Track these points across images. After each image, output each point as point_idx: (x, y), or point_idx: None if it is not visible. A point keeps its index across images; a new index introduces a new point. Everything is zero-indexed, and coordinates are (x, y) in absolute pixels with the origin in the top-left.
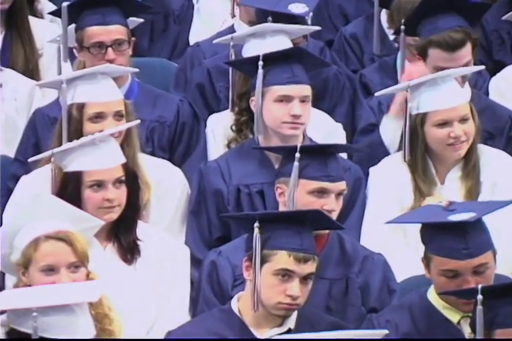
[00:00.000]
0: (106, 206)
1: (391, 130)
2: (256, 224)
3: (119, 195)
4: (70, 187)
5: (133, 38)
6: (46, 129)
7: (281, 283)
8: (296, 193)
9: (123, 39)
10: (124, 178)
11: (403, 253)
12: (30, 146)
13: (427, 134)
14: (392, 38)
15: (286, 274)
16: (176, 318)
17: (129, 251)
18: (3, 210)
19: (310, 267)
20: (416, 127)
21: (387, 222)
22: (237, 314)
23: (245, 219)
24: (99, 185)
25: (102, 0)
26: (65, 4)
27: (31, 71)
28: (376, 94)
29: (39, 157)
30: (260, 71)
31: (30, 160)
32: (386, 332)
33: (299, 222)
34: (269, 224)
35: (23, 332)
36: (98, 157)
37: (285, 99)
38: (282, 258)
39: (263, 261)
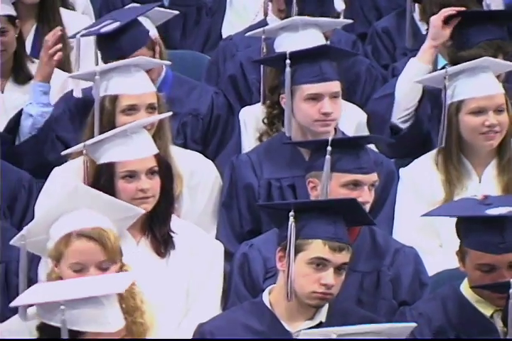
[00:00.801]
0: (140, 197)
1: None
2: (291, 213)
3: (152, 186)
4: (103, 179)
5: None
6: (75, 111)
7: (316, 272)
8: (329, 187)
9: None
10: (156, 169)
11: (434, 249)
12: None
13: (461, 122)
14: (424, 31)
15: (320, 263)
16: (208, 312)
17: (163, 244)
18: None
19: (344, 257)
20: (451, 116)
21: (423, 215)
22: (269, 307)
23: (279, 210)
24: (132, 175)
25: None
26: None
27: (63, 63)
28: (415, 80)
29: (72, 149)
30: (288, 70)
31: (63, 153)
32: (415, 325)
33: (334, 211)
34: (304, 214)
35: (53, 326)
36: (130, 148)
37: (315, 97)
38: (317, 247)
39: (297, 251)
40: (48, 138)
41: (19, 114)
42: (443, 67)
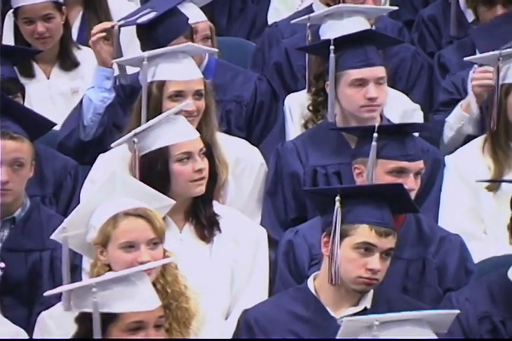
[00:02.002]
0: (196, 178)
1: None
2: (337, 198)
3: (205, 166)
4: (158, 165)
5: None
6: (124, 97)
7: (362, 257)
8: (374, 173)
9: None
10: (205, 150)
11: (480, 236)
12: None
13: (509, 105)
14: (470, 19)
15: (367, 248)
16: (256, 299)
17: (208, 228)
18: None
19: (390, 242)
20: (500, 98)
21: (478, 181)
22: (314, 293)
23: (325, 195)
24: (188, 157)
25: None
26: None
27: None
28: (466, 58)
29: (122, 139)
30: (332, 56)
31: (113, 145)
32: (458, 312)
33: (380, 196)
34: (350, 199)
35: (89, 316)
36: (180, 130)
37: (360, 82)
38: (364, 232)
39: (343, 236)
40: (109, 125)
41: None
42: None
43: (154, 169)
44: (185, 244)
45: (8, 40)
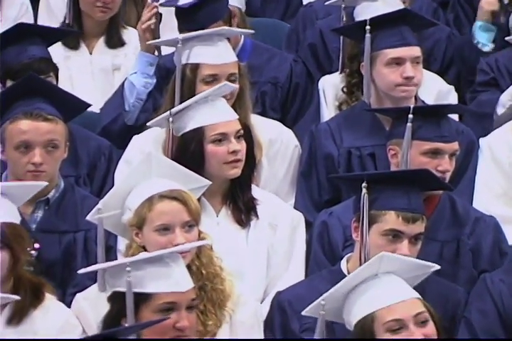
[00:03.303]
0: (231, 160)
1: None
2: (363, 185)
3: (241, 148)
4: (192, 146)
5: None
6: (160, 79)
7: (390, 243)
8: (409, 154)
9: None
10: (242, 133)
11: None
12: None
13: None
14: (506, 0)
15: (395, 235)
16: (293, 282)
17: (245, 213)
18: None
19: (419, 227)
20: None
21: None
22: (347, 275)
23: (353, 180)
24: (222, 139)
25: None
26: None
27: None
28: (507, 38)
29: (158, 119)
30: (368, 36)
31: (149, 124)
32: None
33: (407, 181)
34: (377, 185)
35: (122, 295)
36: (217, 111)
37: (397, 61)
38: (391, 219)
39: (371, 222)
40: (151, 110)
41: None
42: None
43: (189, 150)
44: (222, 228)
45: (43, 18)
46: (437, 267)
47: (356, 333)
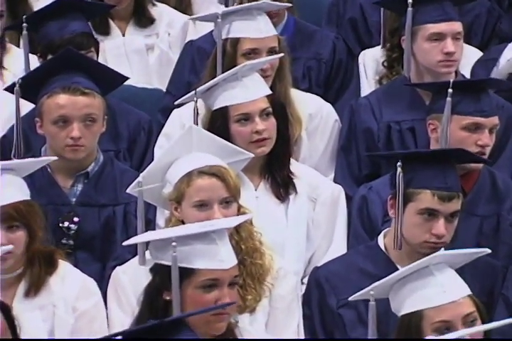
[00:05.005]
0: (256, 139)
1: None
2: (398, 164)
3: (267, 127)
4: (218, 124)
5: None
6: (198, 61)
7: (426, 222)
8: (449, 129)
9: None
10: (270, 110)
11: None
12: (182, 78)
13: None
14: None
15: (431, 213)
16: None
17: (284, 187)
18: None
19: (455, 205)
20: None
21: None
22: (384, 250)
23: (389, 158)
24: (246, 118)
25: None
26: None
27: (183, 6)
28: None
29: (185, 98)
30: (410, 10)
31: (177, 102)
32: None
33: (442, 160)
34: (412, 164)
35: (165, 266)
36: (241, 90)
37: (438, 36)
38: (426, 198)
39: (407, 201)
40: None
41: None
42: None
43: (216, 127)
44: (261, 202)
45: None
46: (488, 251)
47: (403, 324)
